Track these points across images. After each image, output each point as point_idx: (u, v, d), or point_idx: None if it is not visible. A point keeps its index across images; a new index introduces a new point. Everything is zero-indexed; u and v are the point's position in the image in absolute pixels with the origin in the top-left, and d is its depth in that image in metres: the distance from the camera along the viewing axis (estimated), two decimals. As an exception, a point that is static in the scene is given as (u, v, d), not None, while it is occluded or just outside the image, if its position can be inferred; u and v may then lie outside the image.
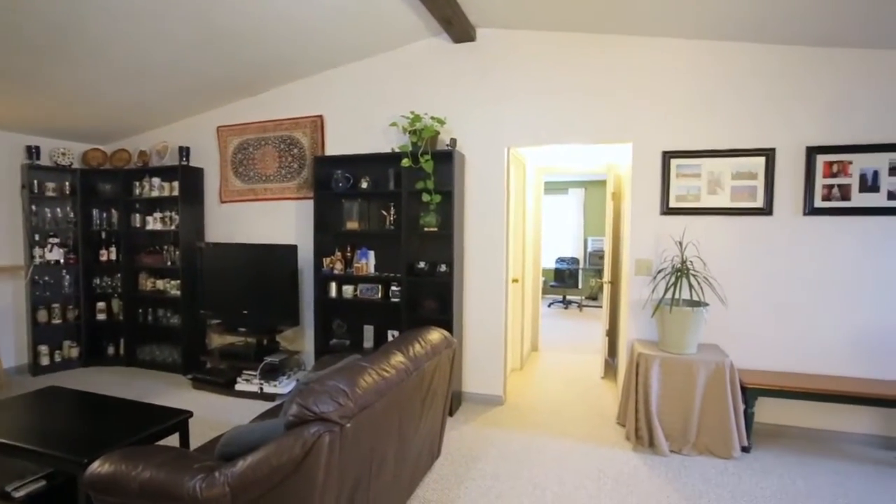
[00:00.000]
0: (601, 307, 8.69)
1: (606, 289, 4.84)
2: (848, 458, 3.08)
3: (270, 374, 4.14)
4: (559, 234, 9.86)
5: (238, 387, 4.14)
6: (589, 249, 9.50)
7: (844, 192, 3.25)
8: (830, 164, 3.26)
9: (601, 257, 8.93)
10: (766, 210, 3.35)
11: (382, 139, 4.16)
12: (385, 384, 1.92)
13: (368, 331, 4.15)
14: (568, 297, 9.12)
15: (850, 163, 3.23)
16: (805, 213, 3.30)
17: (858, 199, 3.23)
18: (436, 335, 2.64)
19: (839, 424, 3.32)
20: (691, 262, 3.28)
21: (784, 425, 3.39)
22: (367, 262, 4.12)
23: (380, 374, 1.93)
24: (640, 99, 3.56)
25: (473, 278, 4.01)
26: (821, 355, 3.31)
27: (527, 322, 5.37)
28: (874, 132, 3.18)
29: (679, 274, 3.20)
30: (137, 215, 4.97)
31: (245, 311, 4.29)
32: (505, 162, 3.91)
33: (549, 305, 8.99)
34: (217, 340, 4.91)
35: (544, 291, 9.50)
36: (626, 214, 4.09)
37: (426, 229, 3.84)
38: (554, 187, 9.70)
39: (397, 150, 3.82)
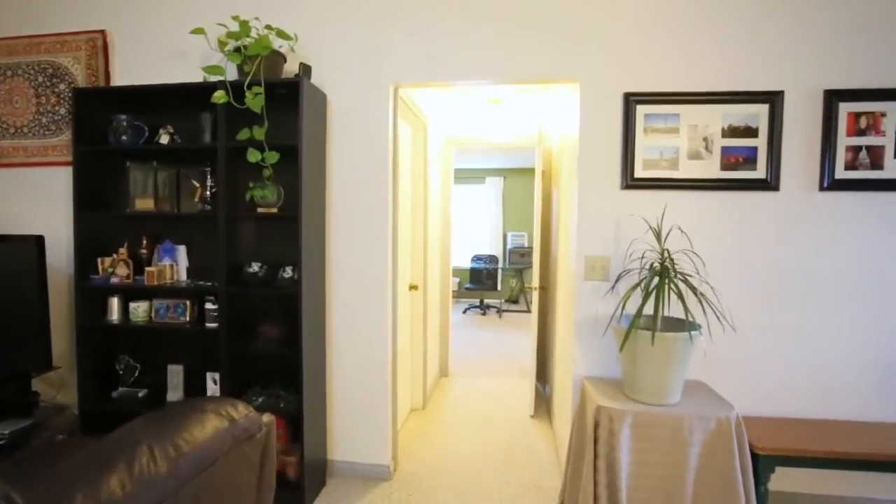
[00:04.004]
0: (525, 311, 7.67)
1: (536, 297, 3.64)
2: (894, 549, 2.08)
3: (16, 442, 2.45)
4: (475, 230, 8.71)
5: (-64, 480, 2.40)
6: (509, 246, 8.43)
7: (875, 158, 2.24)
8: (857, 115, 2.24)
9: (523, 255, 7.89)
10: (771, 183, 2.28)
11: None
12: None
13: (175, 373, 2.59)
14: (486, 301, 7.97)
15: (884, 115, 2.23)
16: (823, 188, 2.26)
17: (894, 168, 2.24)
18: (208, 427, 1.20)
19: (862, 489, 2.33)
20: (671, 258, 2.11)
21: (794, 493, 2.35)
22: (176, 264, 2.57)
23: None
24: (593, 17, 2.35)
25: (343, 287, 2.61)
26: (843, 390, 2.30)
27: (432, 341, 4.05)
28: (914, 72, 2.20)
29: (660, 278, 2.02)
30: None
31: (-44, 349, 2.54)
32: (390, 108, 2.55)
33: (464, 311, 7.78)
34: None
35: (459, 295, 8.32)
36: (566, 195, 2.90)
37: (260, 209, 2.38)
38: (469, 176, 8.53)
39: (211, 78, 2.31)
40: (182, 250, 2.61)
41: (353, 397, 2.64)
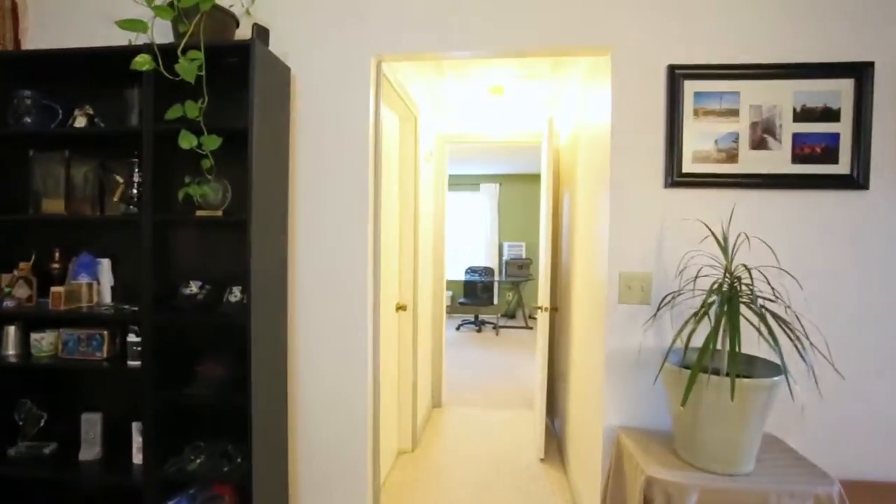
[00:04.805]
0: (523, 328, 7.12)
1: (544, 318, 3.11)
2: None
3: None
4: (469, 240, 8.20)
5: None
6: (505, 257, 7.92)
7: None
8: (967, 94, 1.76)
9: (521, 266, 7.37)
10: (857, 180, 1.78)
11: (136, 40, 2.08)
12: None
13: (92, 424, 1.99)
14: (481, 317, 7.42)
15: None
16: (924, 186, 1.77)
17: None
18: None
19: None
20: (751, 275, 1.58)
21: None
22: (98, 283, 2.02)
23: None
24: (627, -34, 1.87)
25: (310, 311, 2.06)
26: (952, 449, 1.79)
27: (423, 368, 3.50)
28: None
29: (730, 304, 1.49)
30: None
31: None
32: (371, 87, 2.03)
33: (457, 328, 7.22)
34: None
35: (452, 310, 7.78)
36: (587, 197, 2.41)
37: (200, 212, 1.83)
38: (462, 182, 8.05)
39: (136, 40, 1.77)
40: (105, 265, 2.05)
41: (323, 451, 2.08)
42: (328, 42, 2.02)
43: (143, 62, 1.66)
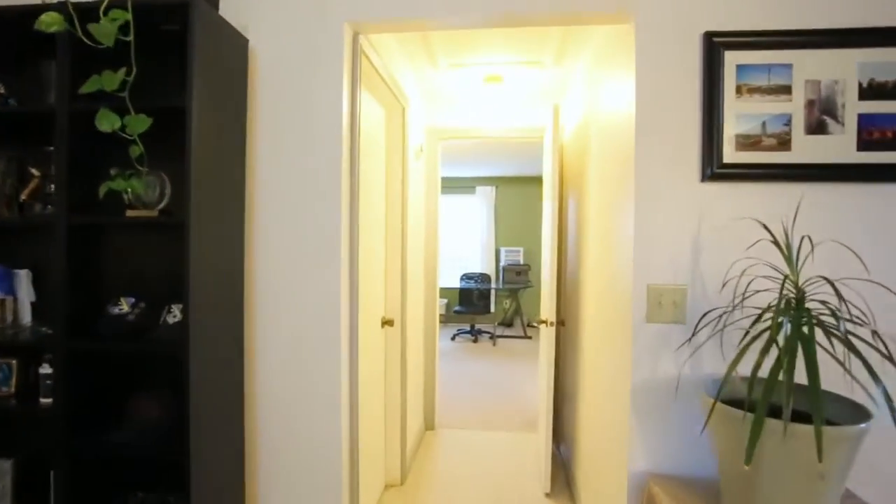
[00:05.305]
0: (522, 337, 6.75)
1: (549, 334, 2.76)
2: None
3: None
4: (464, 245, 7.86)
5: None
6: (502, 263, 7.58)
7: None
8: None
9: (518, 273, 7.03)
10: (938, 170, 1.46)
11: None
12: None
13: (1, 473, 1.65)
14: (478, 326, 7.06)
15: None
16: None
17: None
18: None
19: None
20: (804, 289, 1.24)
21: None
22: (15, 299, 1.66)
23: None
24: (654, -87, 1.54)
25: (272, 330, 1.71)
26: None
27: (414, 388, 3.15)
28: None
29: (798, 328, 1.15)
30: None
31: None
32: (344, 63, 1.69)
33: (452, 338, 6.85)
34: None
35: (447, 319, 7.45)
36: (601, 196, 2.08)
37: (131, 212, 1.48)
38: (456, 185, 7.72)
39: (49, -1, 1.43)
40: (23, 278, 1.69)
41: (290, 495, 1.73)
42: (294, 7, 1.69)
43: (51, 21, 1.31)
